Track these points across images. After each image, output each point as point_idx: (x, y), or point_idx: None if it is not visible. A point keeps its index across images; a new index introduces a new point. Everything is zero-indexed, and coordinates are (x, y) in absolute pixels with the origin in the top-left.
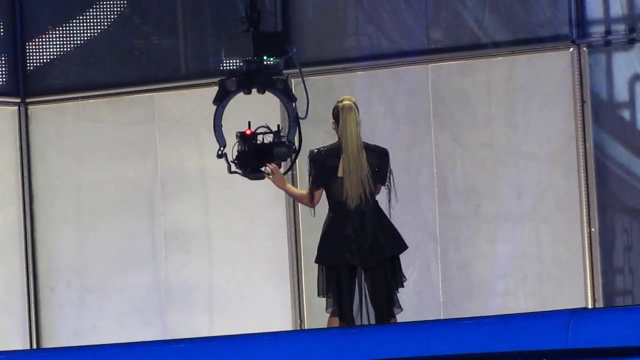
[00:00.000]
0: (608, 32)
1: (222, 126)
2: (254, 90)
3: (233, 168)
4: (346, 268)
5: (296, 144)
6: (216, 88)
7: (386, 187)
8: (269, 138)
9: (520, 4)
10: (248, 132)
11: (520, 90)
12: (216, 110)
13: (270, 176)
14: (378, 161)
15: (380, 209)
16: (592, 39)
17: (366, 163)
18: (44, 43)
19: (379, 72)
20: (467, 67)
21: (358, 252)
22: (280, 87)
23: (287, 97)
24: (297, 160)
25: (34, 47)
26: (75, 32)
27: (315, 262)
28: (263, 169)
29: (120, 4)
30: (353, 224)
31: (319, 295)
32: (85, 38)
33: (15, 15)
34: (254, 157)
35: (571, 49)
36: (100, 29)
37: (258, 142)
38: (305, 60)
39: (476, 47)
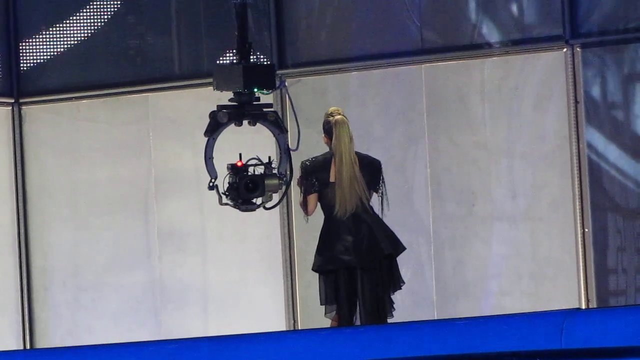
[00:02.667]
0: (601, 33)
1: (213, 158)
2: (245, 122)
3: (224, 200)
4: (345, 272)
5: (287, 175)
6: (210, 88)
7: (379, 195)
8: (260, 170)
9: (514, 4)
10: (239, 164)
11: (514, 91)
12: (207, 142)
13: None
14: (370, 170)
15: (375, 212)
16: (586, 40)
17: (359, 174)
18: (38, 43)
19: (373, 72)
20: (461, 67)
21: (355, 252)
22: (271, 119)
23: (278, 128)
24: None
25: (27, 47)
26: (69, 32)
27: (313, 269)
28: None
29: (114, 3)
30: (348, 228)
31: (321, 303)
32: (80, 38)
33: (9, 15)
34: (245, 189)
35: (565, 49)
36: (95, 28)
37: (249, 173)
38: (300, 61)
39: (470, 47)
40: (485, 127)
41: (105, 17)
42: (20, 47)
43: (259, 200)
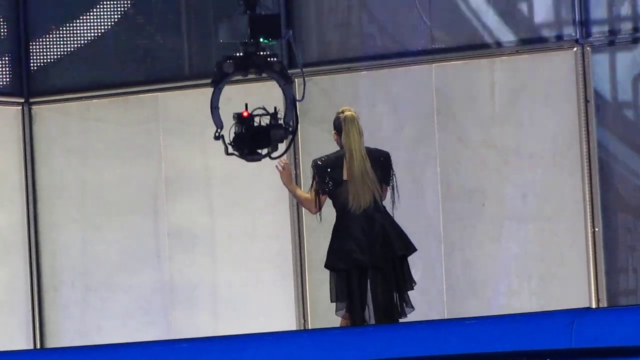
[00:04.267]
0: (612, 32)
1: (219, 108)
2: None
3: (230, 150)
4: (357, 271)
5: (293, 125)
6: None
7: (390, 187)
8: (265, 120)
9: (524, 3)
10: (245, 113)
11: (524, 90)
12: (213, 92)
13: (280, 170)
14: (380, 164)
15: (387, 211)
16: (596, 39)
17: (370, 169)
18: (48, 43)
19: (382, 72)
20: (471, 66)
21: (368, 251)
22: (276, 69)
23: (283, 79)
24: (301, 166)
25: (37, 47)
26: (78, 32)
27: (325, 267)
28: (276, 164)
29: (124, 3)
30: (361, 226)
31: (332, 300)
32: (89, 38)
33: (19, 14)
34: (251, 140)
35: (575, 49)
36: (104, 28)
37: (255, 124)
38: (309, 60)
39: (480, 46)
40: (495, 126)
41: (115, 17)
42: (30, 47)
43: (264, 151)
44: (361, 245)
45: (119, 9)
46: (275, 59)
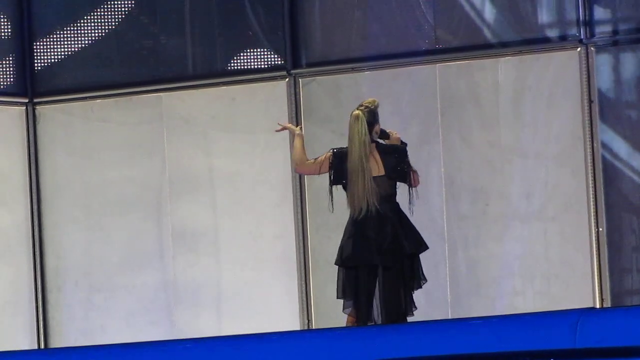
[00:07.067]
0: (616, 32)
1: None
2: None
3: None
4: (366, 269)
5: None
6: (224, 88)
7: (407, 183)
8: None
9: (528, 4)
10: None
11: (528, 90)
12: None
13: (295, 130)
14: (394, 160)
15: (400, 209)
16: (600, 39)
17: (369, 171)
18: (52, 43)
19: (386, 72)
20: (475, 66)
21: (378, 251)
22: None
23: None
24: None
25: (41, 47)
26: (83, 32)
27: (335, 264)
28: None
29: (128, 4)
30: (372, 225)
31: (338, 297)
32: (93, 38)
33: (23, 15)
34: None
35: (579, 49)
36: (108, 29)
37: None
38: (313, 60)
39: (484, 46)
40: (499, 126)
41: (119, 17)
42: (34, 47)
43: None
44: (371, 244)
45: (123, 9)
46: None
